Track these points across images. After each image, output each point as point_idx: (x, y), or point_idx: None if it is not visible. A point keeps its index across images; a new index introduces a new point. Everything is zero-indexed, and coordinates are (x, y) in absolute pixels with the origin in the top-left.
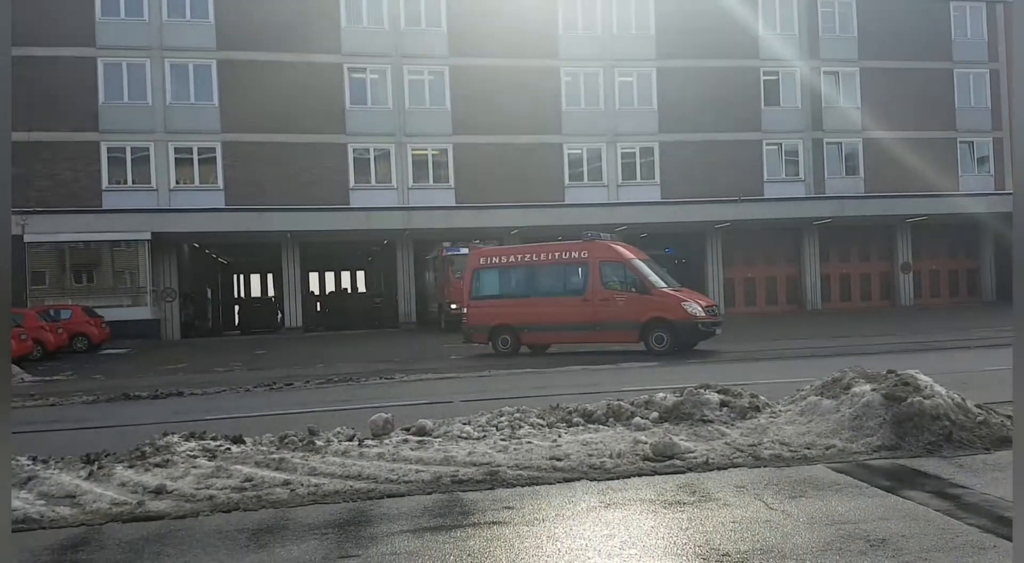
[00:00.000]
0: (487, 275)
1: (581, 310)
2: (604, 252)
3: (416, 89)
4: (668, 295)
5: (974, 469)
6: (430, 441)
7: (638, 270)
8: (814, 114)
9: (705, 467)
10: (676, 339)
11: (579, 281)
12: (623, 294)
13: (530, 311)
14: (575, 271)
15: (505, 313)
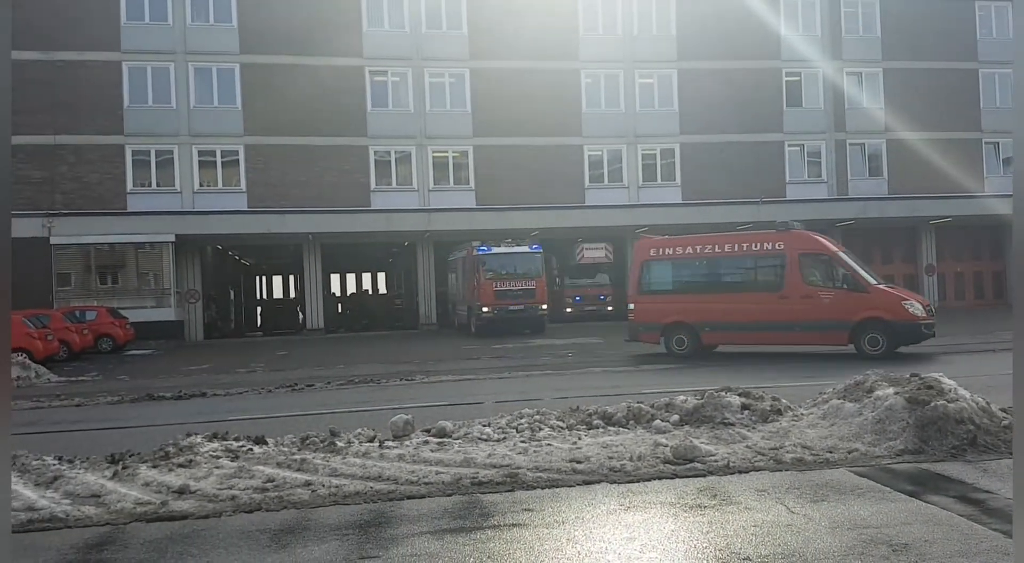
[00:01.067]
0: (659, 268)
1: (776, 308)
2: (804, 243)
3: (437, 91)
4: (886, 293)
5: (999, 474)
6: (450, 443)
7: (848, 264)
8: (837, 115)
9: (726, 470)
10: (894, 341)
11: (774, 275)
12: (829, 291)
13: (713, 308)
14: (769, 264)
15: (682, 309)
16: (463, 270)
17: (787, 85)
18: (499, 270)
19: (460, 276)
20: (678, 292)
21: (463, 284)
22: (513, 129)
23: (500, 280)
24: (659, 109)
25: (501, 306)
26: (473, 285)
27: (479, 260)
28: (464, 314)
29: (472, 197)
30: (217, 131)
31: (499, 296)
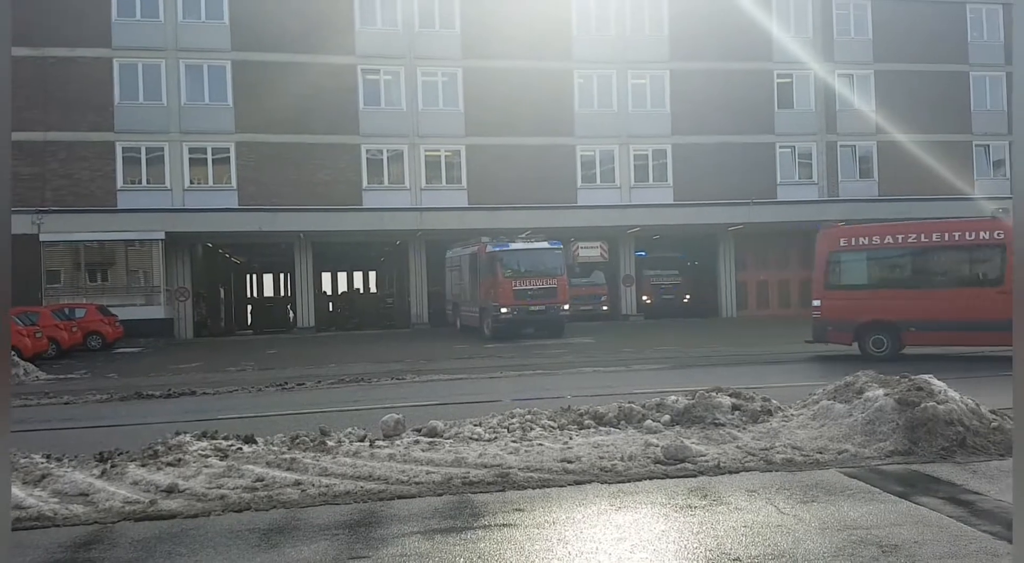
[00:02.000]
0: (852, 259)
1: (997, 305)
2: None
3: (429, 90)
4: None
5: (988, 475)
6: (441, 442)
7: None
8: (828, 117)
9: (716, 470)
10: None
11: (993, 268)
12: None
13: (919, 305)
14: (986, 256)
15: (882, 307)
16: (472, 268)
17: (779, 86)
18: (518, 268)
19: (467, 274)
20: (876, 287)
21: (472, 283)
22: (506, 129)
23: (519, 278)
24: (651, 110)
25: (521, 306)
26: (488, 284)
27: (495, 257)
28: (473, 315)
29: (464, 196)
30: (208, 128)
31: (518, 296)
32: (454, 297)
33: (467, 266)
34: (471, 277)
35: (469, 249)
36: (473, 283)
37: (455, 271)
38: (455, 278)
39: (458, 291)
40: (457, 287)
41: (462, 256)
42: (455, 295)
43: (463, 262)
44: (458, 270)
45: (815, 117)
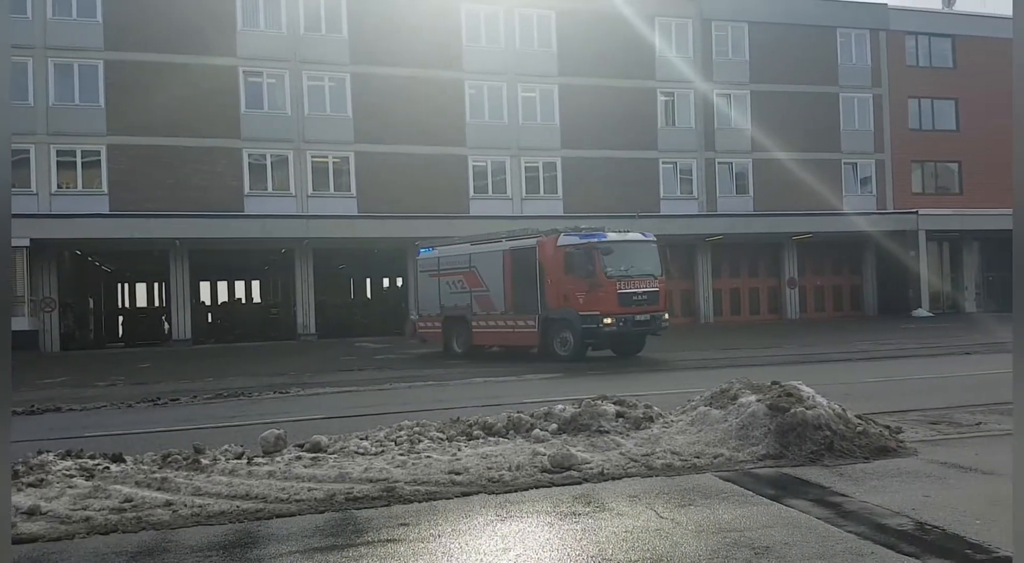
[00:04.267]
0: None
1: None
2: None
3: (316, 95)
4: None
5: (854, 478)
6: (325, 458)
7: None
8: (707, 134)
9: (601, 477)
10: None
11: None
12: None
13: None
14: None
15: None
16: (523, 268)
17: (662, 104)
18: (621, 266)
19: (506, 277)
20: None
21: (526, 287)
22: (396, 137)
23: (624, 280)
24: (541, 123)
25: (627, 315)
26: (574, 287)
27: (591, 252)
28: (523, 330)
29: (353, 204)
30: (78, 130)
31: (624, 301)
32: (455, 310)
33: (509, 265)
34: (522, 279)
35: (515, 242)
36: (528, 287)
37: (464, 273)
38: (459, 283)
39: (469, 301)
40: (469, 295)
41: (491, 253)
42: (460, 307)
43: (491, 261)
44: (470, 272)
45: (695, 135)
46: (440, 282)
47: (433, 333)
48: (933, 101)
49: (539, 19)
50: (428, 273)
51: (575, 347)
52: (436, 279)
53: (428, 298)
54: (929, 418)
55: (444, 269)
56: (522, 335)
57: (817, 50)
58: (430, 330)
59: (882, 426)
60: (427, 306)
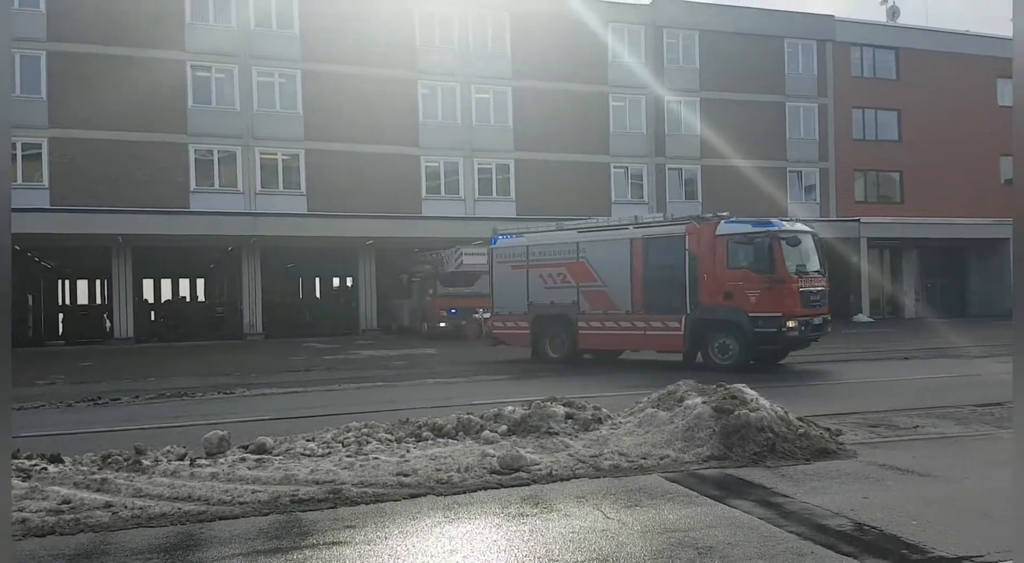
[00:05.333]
0: None
1: None
2: None
3: (266, 91)
4: None
5: (795, 478)
6: (270, 459)
7: None
8: (658, 140)
9: (549, 479)
10: None
11: None
12: None
13: None
14: None
15: None
16: (670, 259)
17: (613, 109)
18: (799, 261)
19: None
20: None
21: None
22: (347, 135)
23: (804, 278)
24: (495, 124)
25: (807, 318)
26: (745, 284)
27: (773, 242)
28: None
29: (303, 202)
30: (20, 122)
31: (804, 302)
32: (552, 308)
33: (640, 256)
34: (661, 273)
35: (652, 229)
36: (671, 283)
37: (568, 265)
38: (559, 277)
39: (575, 297)
40: (575, 291)
41: (612, 241)
42: (560, 304)
43: (611, 251)
44: (578, 264)
45: (646, 140)
46: (529, 275)
47: (516, 335)
48: (876, 112)
49: (493, 21)
50: (510, 264)
51: (741, 354)
52: (523, 272)
53: (509, 294)
54: (868, 421)
55: (537, 260)
56: (659, 339)
57: (765, 60)
58: (511, 331)
59: (823, 428)
60: (507, 303)
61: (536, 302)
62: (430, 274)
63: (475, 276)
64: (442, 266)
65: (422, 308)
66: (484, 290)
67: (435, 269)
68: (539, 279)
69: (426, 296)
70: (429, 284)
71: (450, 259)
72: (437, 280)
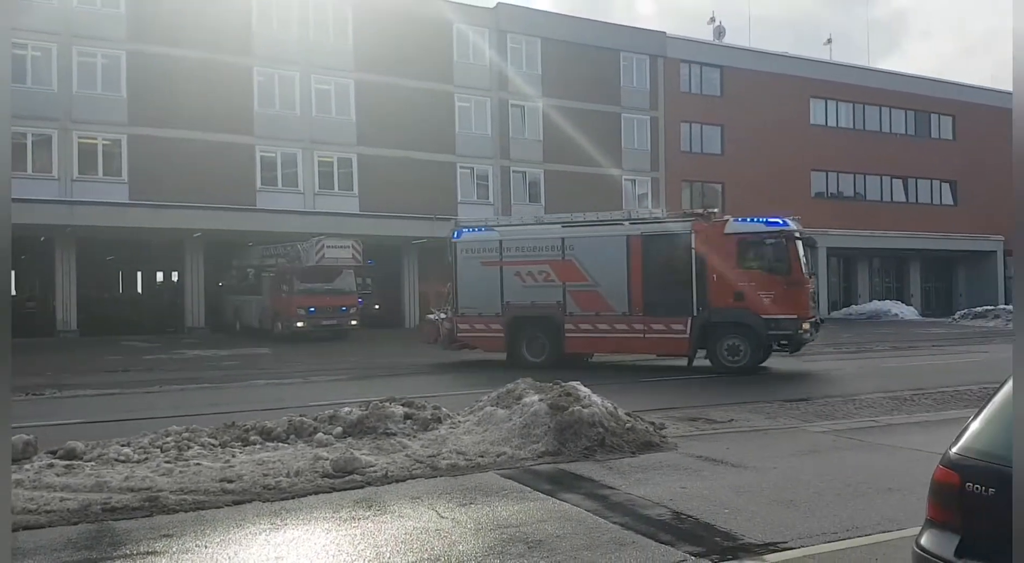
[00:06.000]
0: None
1: None
2: None
3: (87, 72)
4: None
5: (621, 471)
6: (80, 465)
7: None
8: (502, 142)
9: (384, 480)
10: None
11: None
12: None
13: None
14: None
15: None
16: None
17: (459, 110)
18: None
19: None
20: None
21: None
22: (175, 121)
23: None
24: (337, 117)
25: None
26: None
27: (789, 242)
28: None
29: (125, 191)
30: None
31: (811, 303)
32: (532, 308)
33: (638, 254)
34: (663, 273)
35: (651, 225)
36: (674, 283)
37: (551, 263)
38: (540, 275)
39: (561, 297)
40: (561, 290)
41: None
42: (541, 305)
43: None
44: (564, 263)
45: (491, 142)
46: (504, 273)
47: (486, 338)
48: (702, 126)
49: (334, 11)
50: (478, 260)
51: (752, 356)
52: (495, 269)
53: (478, 293)
54: (689, 415)
55: (513, 256)
56: (662, 342)
57: (602, 71)
58: (481, 334)
59: (648, 423)
60: (475, 303)
61: (513, 302)
62: (285, 268)
63: (336, 271)
64: (299, 260)
65: (275, 306)
66: (346, 287)
67: (290, 263)
68: (516, 277)
69: (279, 293)
70: (283, 280)
71: (309, 252)
72: (293, 275)
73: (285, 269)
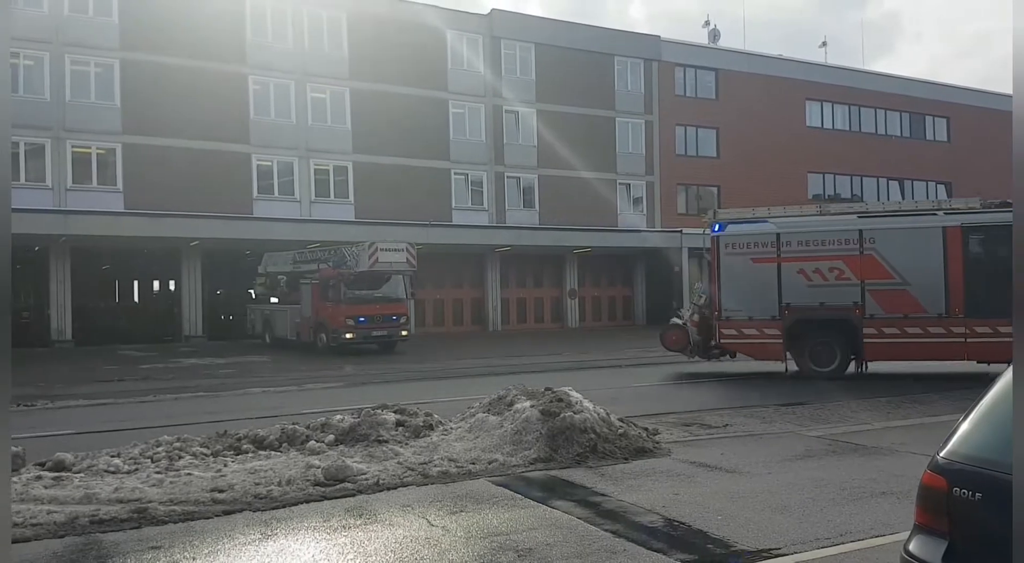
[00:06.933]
0: None
1: None
2: None
3: (80, 81)
4: None
5: (614, 478)
6: (69, 477)
7: None
8: (497, 148)
9: (376, 488)
10: None
11: None
12: None
13: None
14: None
15: None
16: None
17: (453, 116)
18: None
19: (967, 263)
20: None
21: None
22: (170, 129)
23: None
24: (332, 125)
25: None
26: None
27: None
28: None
29: (120, 199)
30: None
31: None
32: (820, 310)
33: (958, 248)
34: (993, 268)
35: (976, 215)
36: (1001, 282)
37: (846, 258)
38: (831, 272)
39: (859, 297)
40: (859, 289)
41: (916, 229)
42: (832, 306)
43: (916, 241)
44: (863, 258)
45: (486, 148)
46: (783, 270)
47: (758, 345)
48: (698, 129)
49: (329, 20)
50: (748, 257)
51: None
52: (771, 266)
53: (747, 293)
54: (683, 420)
55: (794, 251)
56: (985, 347)
57: (596, 75)
58: (751, 341)
59: (641, 428)
60: (743, 305)
61: (795, 304)
62: (329, 274)
63: (384, 277)
64: (345, 265)
65: (318, 316)
66: (397, 294)
67: (336, 267)
68: (799, 276)
69: (324, 301)
70: (329, 286)
71: (361, 256)
72: (341, 282)
73: (329, 274)
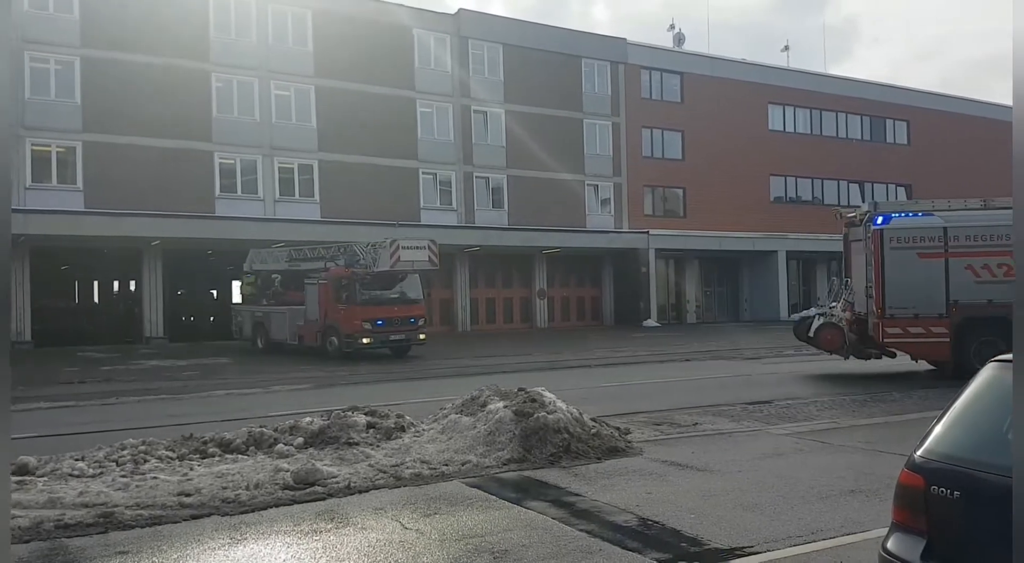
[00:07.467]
0: None
1: None
2: None
3: (40, 78)
4: None
5: (587, 477)
6: (32, 481)
7: None
8: (465, 148)
9: (347, 491)
10: None
11: None
12: None
13: None
14: None
15: None
16: None
17: (421, 115)
18: None
19: None
20: None
21: None
22: (131, 127)
23: None
24: (297, 123)
25: None
26: None
27: None
28: None
29: (80, 199)
30: None
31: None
32: (989, 308)
33: None
34: None
35: None
36: None
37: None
38: (1001, 269)
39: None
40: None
41: None
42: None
43: None
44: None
45: (454, 148)
46: (950, 266)
47: (925, 345)
48: (663, 132)
49: (294, 17)
50: (914, 251)
51: None
52: (938, 261)
53: (914, 290)
54: (654, 419)
55: (962, 246)
56: None
57: (564, 77)
58: (917, 340)
59: (613, 428)
60: (907, 301)
61: (963, 302)
62: (341, 274)
63: (398, 277)
64: (359, 263)
65: (329, 319)
66: (415, 294)
67: (349, 266)
68: (967, 271)
69: (335, 303)
70: (341, 287)
71: (381, 255)
72: (356, 282)
73: (341, 274)
